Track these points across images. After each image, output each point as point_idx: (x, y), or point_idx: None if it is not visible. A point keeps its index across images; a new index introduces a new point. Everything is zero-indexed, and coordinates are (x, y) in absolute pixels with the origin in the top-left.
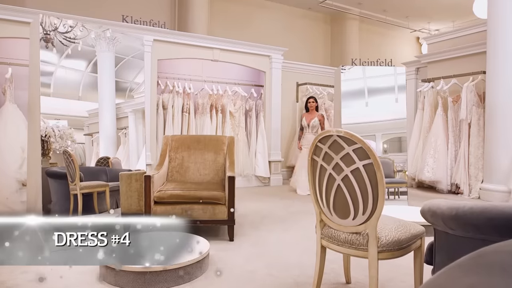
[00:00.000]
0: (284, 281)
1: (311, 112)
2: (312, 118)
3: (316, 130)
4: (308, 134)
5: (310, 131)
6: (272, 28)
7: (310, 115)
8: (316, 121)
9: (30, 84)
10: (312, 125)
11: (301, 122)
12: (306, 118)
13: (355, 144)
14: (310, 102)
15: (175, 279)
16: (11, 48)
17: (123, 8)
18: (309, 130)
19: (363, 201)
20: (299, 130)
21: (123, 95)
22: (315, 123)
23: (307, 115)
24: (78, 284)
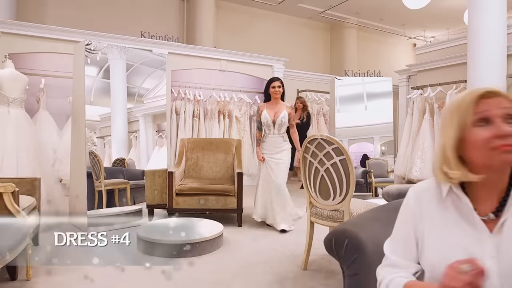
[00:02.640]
0: (283, 253)
1: (276, 102)
2: (279, 112)
3: (284, 130)
4: (272, 136)
5: (276, 132)
6: (274, 36)
7: (274, 107)
8: (285, 117)
9: (74, 94)
10: (279, 123)
11: (260, 117)
12: (269, 111)
13: (333, 145)
14: (274, 87)
15: (198, 250)
16: (43, 61)
17: (141, 25)
18: (274, 130)
19: (339, 186)
20: (256, 130)
21: (132, 99)
22: (284, 120)
23: (270, 107)
24: (121, 254)
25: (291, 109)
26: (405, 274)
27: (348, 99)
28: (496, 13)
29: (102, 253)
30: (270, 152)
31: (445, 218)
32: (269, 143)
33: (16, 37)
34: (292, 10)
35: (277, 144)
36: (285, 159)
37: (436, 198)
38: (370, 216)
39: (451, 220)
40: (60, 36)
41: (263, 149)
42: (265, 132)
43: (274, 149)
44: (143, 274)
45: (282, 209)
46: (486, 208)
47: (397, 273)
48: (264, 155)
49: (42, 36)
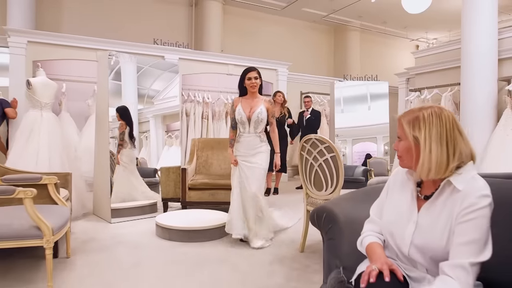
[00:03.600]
0: (283, 238)
1: (252, 96)
2: (255, 108)
3: (262, 129)
4: (248, 136)
5: (252, 131)
6: (279, 40)
7: (250, 102)
8: (263, 113)
9: (98, 98)
10: (255, 119)
11: (234, 114)
12: (244, 106)
13: (325, 144)
14: (250, 79)
15: (209, 235)
16: (64, 67)
17: (154, 33)
18: (250, 128)
19: (331, 179)
20: (230, 129)
21: (142, 101)
22: (261, 116)
23: (246, 101)
24: (142, 238)
25: (269, 104)
26: (378, 230)
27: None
28: (487, 20)
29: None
30: (244, 155)
31: (400, 193)
32: (243, 144)
33: (41, 45)
34: (296, 14)
35: (253, 145)
36: (261, 163)
37: (402, 179)
38: (344, 197)
39: (402, 195)
40: (80, 44)
41: (237, 151)
42: (239, 131)
43: (249, 151)
44: (163, 253)
45: (258, 223)
46: (426, 192)
47: (371, 230)
48: (238, 157)
49: (64, 44)
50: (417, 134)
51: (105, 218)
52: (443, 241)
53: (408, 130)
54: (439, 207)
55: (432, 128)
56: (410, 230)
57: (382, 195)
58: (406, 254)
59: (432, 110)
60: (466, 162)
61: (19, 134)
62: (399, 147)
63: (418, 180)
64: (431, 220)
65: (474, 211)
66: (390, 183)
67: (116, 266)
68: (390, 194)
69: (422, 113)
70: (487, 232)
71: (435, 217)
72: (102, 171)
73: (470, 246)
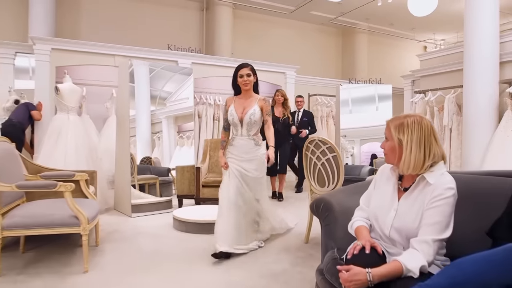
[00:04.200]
0: (290, 231)
1: (246, 95)
2: (248, 108)
3: (256, 131)
4: (241, 139)
5: (245, 133)
6: (287, 42)
7: (243, 102)
8: (256, 114)
9: (119, 101)
10: (248, 121)
11: (226, 115)
12: (236, 106)
13: (327, 144)
14: (242, 76)
15: None
16: (84, 72)
17: (168, 38)
18: (243, 131)
19: (332, 176)
20: (222, 130)
21: (154, 102)
22: (254, 118)
23: (239, 101)
24: (161, 230)
25: (264, 102)
26: (366, 216)
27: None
28: (489, 24)
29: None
30: (237, 158)
31: (385, 186)
32: (237, 148)
33: (63, 52)
34: (304, 17)
35: (246, 149)
36: (258, 173)
37: (387, 175)
38: (340, 190)
39: (387, 187)
40: (99, 50)
41: (229, 153)
42: (232, 133)
43: (243, 155)
44: (180, 242)
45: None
46: (405, 185)
47: (360, 216)
48: (229, 160)
49: (84, 51)
50: (401, 137)
51: (126, 212)
52: (415, 224)
53: (394, 133)
54: (414, 197)
55: (414, 133)
56: (391, 215)
57: (370, 187)
58: (387, 235)
59: (415, 118)
60: (437, 162)
61: (48, 136)
62: (386, 146)
63: (401, 174)
64: (408, 207)
65: (441, 200)
66: (377, 177)
67: (139, 253)
68: (377, 186)
69: (407, 120)
70: (449, 217)
71: (411, 205)
72: (122, 170)
73: (434, 226)
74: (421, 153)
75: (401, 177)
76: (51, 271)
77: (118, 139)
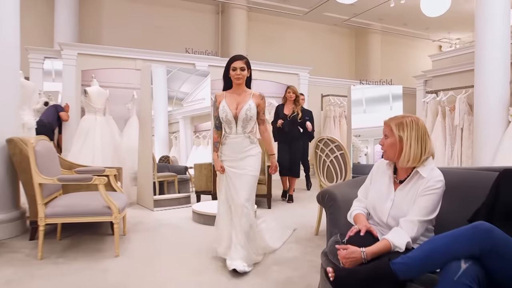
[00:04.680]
0: (301, 223)
1: (239, 90)
2: (242, 103)
3: (252, 128)
4: (235, 137)
5: (240, 131)
6: (301, 44)
7: (236, 97)
8: (252, 109)
9: (142, 103)
10: (243, 117)
11: (217, 112)
12: (229, 102)
13: (335, 143)
14: (235, 69)
15: None
16: (107, 75)
17: (185, 41)
18: (237, 128)
19: (340, 172)
20: (214, 130)
21: (171, 102)
22: (250, 113)
23: (231, 96)
24: (181, 222)
25: (260, 98)
26: (363, 206)
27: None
28: (500, 24)
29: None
30: (231, 159)
31: (381, 179)
32: (230, 147)
33: (88, 56)
34: (318, 18)
35: (241, 147)
36: (251, 169)
37: (384, 167)
38: (343, 183)
39: (383, 180)
40: (121, 54)
41: (222, 155)
42: (225, 132)
43: (237, 155)
44: (199, 232)
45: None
46: (400, 177)
47: (358, 205)
48: (224, 163)
49: (107, 55)
50: (402, 134)
51: (148, 207)
52: (409, 211)
53: (395, 130)
54: (408, 188)
55: (413, 131)
56: (388, 205)
57: (367, 181)
58: (385, 222)
59: (412, 118)
60: (428, 157)
61: (77, 136)
62: (385, 143)
63: (400, 167)
64: (403, 197)
65: (431, 190)
66: (373, 172)
67: (163, 241)
68: (373, 180)
69: (405, 120)
70: (436, 204)
71: (405, 195)
72: (145, 168)
73: (421, 210)
74: (419, 148)
75: (396, 171)
76: (86, 255)
77: (141, 139)
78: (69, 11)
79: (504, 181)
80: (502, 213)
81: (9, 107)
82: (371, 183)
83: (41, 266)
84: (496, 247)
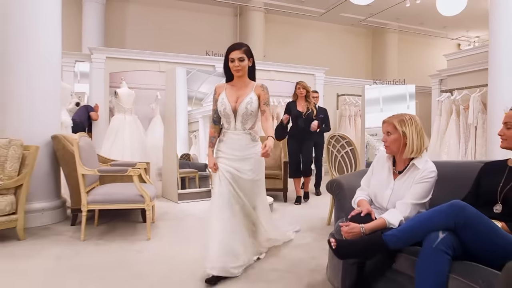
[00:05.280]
0: (314, 215)
1: (240, 82)
2: (243, 96)
3: (253, 124)
4: (234, 133)
5: (240, 127)
6: (317, 44)
7: (236, 90)
8: (253, 103)
9: (167, 103)
10: (243, 111)
11: (216, 105)
12: (229, 95)
13: (346, 139)
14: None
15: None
16: (132, 77)
17: (205, 44)
18: (236, 124)
19: (350, 166)
20: (210, 124)
21: (190, 102)
22: (251, 107)
23: (231, 89)
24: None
25: (262, 89)
26: (366, 193)
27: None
28: None
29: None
30: (229, 157)
31: (381, 170)
32: (228, 144)
33: (116, 60)
34: (334, 19)
35: (240, 145)
36: (255, 175)
37: (383, 160)
38: (348, 174)
39: (383, 171)
40: (145, 57)
41: (219, 151)
42: (224, 127)
43: (236, 153)
44: None
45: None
46: (399, 168)
47: (361, 194)
48: (219, 160)
49: (133, 58)
50: (405, 130)
51: (173, 199)
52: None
53: (399, 127)
54: (406, 178)
55: (413, 126)
56: (388, 193)
57: (368, 172)
58: (385, 207)
59: (410, 115)
60: (423, 150)
61: (108, 134)
62: (388, 140)
63: (405, 158)
64: (401, 186)
65: (426, 179)
66: (374, 164)
67: (188, 228)
68: (374, 171)
69: (405, 117)
70: (428, 191)
71: (403, 184)
72: (170, 164)
73: (415, 195)
74: (419, 140)
75: (394, 163)
76: (122, 238)
77: (166, 137)
78: (96, 17)
79: (484, 173)
80: (483, 199)
81: (52, 108)
82: (373, 174)
83: (84, 246)
84: (468, 221)
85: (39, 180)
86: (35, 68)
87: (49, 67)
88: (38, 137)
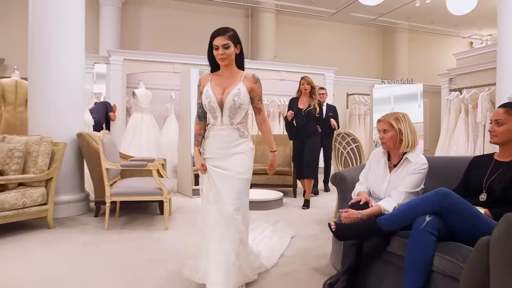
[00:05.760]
0: (321, 209)
1: (227, 72)
2: (230, 87)
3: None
4: (220, 129)
5: (227, 121)
6: (328, 44)
7: (223, 80)
8: (241, 95)
9: (182, 103)
10: (230, 104)
11: (201, 98)
12: (214, 86)
13: (351, 136)
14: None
15: (267, 206)
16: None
17: None
18: (223, 118)
19: (355, 162)
20: (195, 119)
21: None
22: (239, 100)
23: (217, 79)
24: None
25: (253, 82)
26: (364, 186)
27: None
28: None
29: None
30: (214, 156)
31: (377, 164)
32: (214, 141)
33: (132, 61)
34: (345, 19)
35: (228, 141)
36: (239, 170)
37: (379, 155)
38: (352, 168)
39: (379, 165)
40: (160, 59)
41: (205, 151)
42: (209, 122)
43: (222, 150)
44: None
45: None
46: (394, 162)
47: (360, 187)
48: (207, 161)
49: (148, 60)
50: (401, 127)
51: (187, 194)
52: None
53: (395, 124)
54: (400, 171)
55: (406, 123)
56: (385, 185)
57: (366, 167)
58: (383, 198)
59: (403, 114)
60: (416, 144)
61: (127, 132)
62: (385, 137)
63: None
64: (396, 178)
65: (418, 170)
66: (370, 159)
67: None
68: (371, 166)
69: (398, 115)
70: (420, 181)
71: (398, 176)
72: (184, 160)
73: (408, 184)
74: (413, 136)
75: (389, 158)
76: (142, 227)
77: (181, 136)
78: (112, 21)
79: (473, 166)
80: (471, 189)
81: (77, 107)
82: (370, 169)
83: (109, 235)
84: (452, 207)
85: (65, 174)
86: (64, 70)
87: (75, 68)
88: (64, 135)
